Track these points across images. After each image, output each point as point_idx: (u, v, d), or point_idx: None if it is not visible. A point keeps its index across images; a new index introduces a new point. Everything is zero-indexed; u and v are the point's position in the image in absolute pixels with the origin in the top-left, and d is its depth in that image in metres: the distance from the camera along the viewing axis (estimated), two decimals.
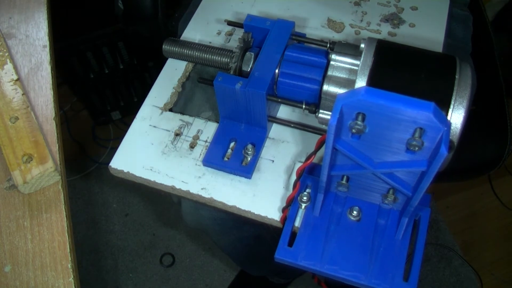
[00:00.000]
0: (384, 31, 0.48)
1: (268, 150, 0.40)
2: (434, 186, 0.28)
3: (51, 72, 0.46)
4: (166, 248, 0.99)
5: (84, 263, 0.96)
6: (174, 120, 0.42)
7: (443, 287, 0.93)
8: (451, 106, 0.31)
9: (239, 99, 0.37)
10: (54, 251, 0.35)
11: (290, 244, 0.33)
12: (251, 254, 0.74)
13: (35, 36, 0.48)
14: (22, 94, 0.42)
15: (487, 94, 0.58)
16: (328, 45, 0.37)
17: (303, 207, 0.35)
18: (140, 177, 0.39)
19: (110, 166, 0.40)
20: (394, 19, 0.49)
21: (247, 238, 0.67)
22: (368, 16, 0.49)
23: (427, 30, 0.47)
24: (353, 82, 0.33)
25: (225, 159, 0.39)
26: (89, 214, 1.03)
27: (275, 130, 0.41)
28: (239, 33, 0.48)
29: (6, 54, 0.46)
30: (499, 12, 1.04)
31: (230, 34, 0.48)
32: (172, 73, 0.45)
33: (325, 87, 0.35)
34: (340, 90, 0.34)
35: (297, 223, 0.35)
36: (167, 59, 0.46)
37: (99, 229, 1.01)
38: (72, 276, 0.34)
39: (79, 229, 1.00)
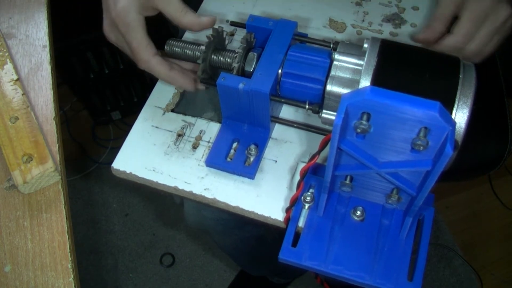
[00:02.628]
0: (386, 31, 0.48)
1: (271, 151, 0.40)
2: (434, 186, 0.28)
3: (51, 72, 0.45)
4: (166, 248, 0.98)
5: (84, 263, 0.96)
6: (177, 120, 0.42)
7: (443, 287, 0.94)
8: (455, 106, 0.31)
9: (242, 99, 0.37)
10: (54, 251, 0.35)
11: (294, 244, 0.33)
12: (252, 254, 0.74)
13: (35, 36, 0.48)
14: (22, 94, 0.42)
15: (487, 94, 0.58)
16: (331, 45, 0.37)
17: (306, 207, 0.35)
18: (143, 178, 0.39)
19: (113, 167, 0.40)
20: (396, 19, 0.49)
21: (248, 239, 0.67)
22: (370, 16, 0.49)
23: None
24: (357, 82, 0.33)
25: (228, 159, 0.39)
26: (89, 214, 1.03)
27: (278, 130, 0.41)
28: (241, 33, 0.47)
29: (6, 54, 0.45)
30: None
31: (232, 34, 0.48)
32: None
33: (329, 87, 0.35)
34: (343, 90, 0.34)
35: (301, 223, 0.35)
36: None
37: (99, 229, 1.01)
38: (72, 276, 0.34)
39: (79, 229, 1.00)
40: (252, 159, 0.39)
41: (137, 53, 0.38)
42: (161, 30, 0.48)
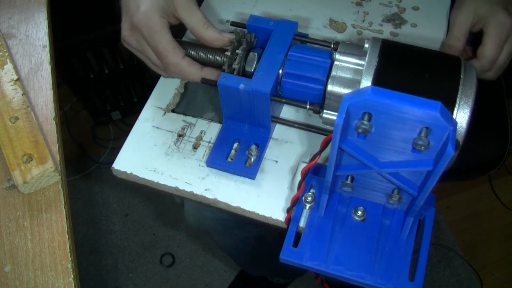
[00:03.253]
0: (386, 31, 0.48)
1: (271, 151, 0.40)
2: (434, 186, 0.28)
3: (51, 72, 0.45)
4: (166, 248, 0.98)
5: (84, 263, 0.96)
6: (177, 121, 0.42)
7: (443, 287, 0.94)
8: (457, 106, 0.31)
9: (242, 100, 0.37)
10: (54, 251, 0.35)
11: (295, 244, 0.33)
12: (252, 254, 0.74)
13: (35, 36, 0.48)
14: (22, 94, 0.42)
15: (487, 94, 0.58)
16: (332, 45, 0.37)
17: (307, 207, 0.35)
18: (144, 179, 0.39)
19: (113, 167, 0.39)
20: (396, 19, 0.49)
21: (249, 239, 0.67)
22: (370, 16, 0.49)
23: (429, 30, 0.47)
24: (358, 82, 0.33)
25: (229, 160, 0.39)
26: (89, 214, 1.03)
27: (278, 130, 0.41)
28: None
29: (6, 54, 0.45)
30: None
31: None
32: None
33: (330, 87, 0.35)
34: (344, 90, 0.34)
35: (302, 223, 0.35)
36: None
37: (99, 229, 1.00)
38: (72, 276, 0.34)
39: (79, 229, 1.00)
40: (252, 159, 0.39)
41: (165, 57, 0.37)
42: None
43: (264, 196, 0.38)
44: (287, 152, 0.40)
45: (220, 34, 0.38)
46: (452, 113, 0.31)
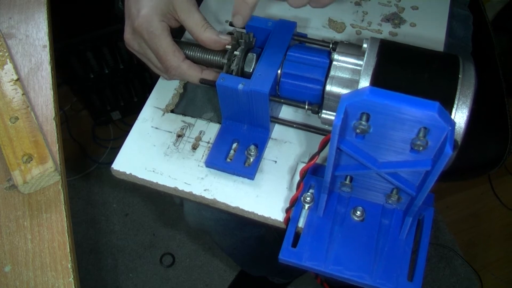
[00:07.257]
0: (385, 31, 0.48)
1: (270, 151, 0.40)
2: (434, 186, 0.28)
3: (51, 72, 0.45)
4: (166, 248, 0.98)
5: (84, 263, 0.96)
6: (176, 121, 0.42)
7: (443, 287, 0.94)
8: (455, 106, 0.31)
9: (241, 100, 0.37)
10: (54, 251, 0.35)
11: (294, 244, 0.33)
12: (253, 255, 0.74)
13: (35, 36, 0.48)
14: (22, 94, 0.42)
15: (487, 94, 0.58)
16: (330, 45, 0.37)
17: (306, 207, 0.35)
18: (143, 179, 0.39)
19: (113, 168, 0.40)
20: (395, 19, 0.49)
21: (249, 239, 0.67)
22: (369, 16, 0.49)
23: (428, 30, 0.47)
24: (356, 82, 0.33)
25: (228, 160, 0.39)
26: (89, 214, 1.03)
27: (277, 130, 0.41)
28: None
29: (6, 54, 0.45)
30: (499, 12, 1.05)
31: (231, 34, 0.48)
32: None
33: (328, 88, 0.35)
34: (343, 90, 0.34)
35: (301, 223, 0.35)
36: None
37: (99, 229, 1.01)
38: (72, 276, 0.34)
39: (79, 229, 1.00)
40: (252, 160, 0.39)
41: (165, 60, 0.38)
42: None
43: (263, 196, 0.38)
44: (286, 152, 0.40)
45: (217, 37, 0.38)
46: (450, 113, 0.31)
